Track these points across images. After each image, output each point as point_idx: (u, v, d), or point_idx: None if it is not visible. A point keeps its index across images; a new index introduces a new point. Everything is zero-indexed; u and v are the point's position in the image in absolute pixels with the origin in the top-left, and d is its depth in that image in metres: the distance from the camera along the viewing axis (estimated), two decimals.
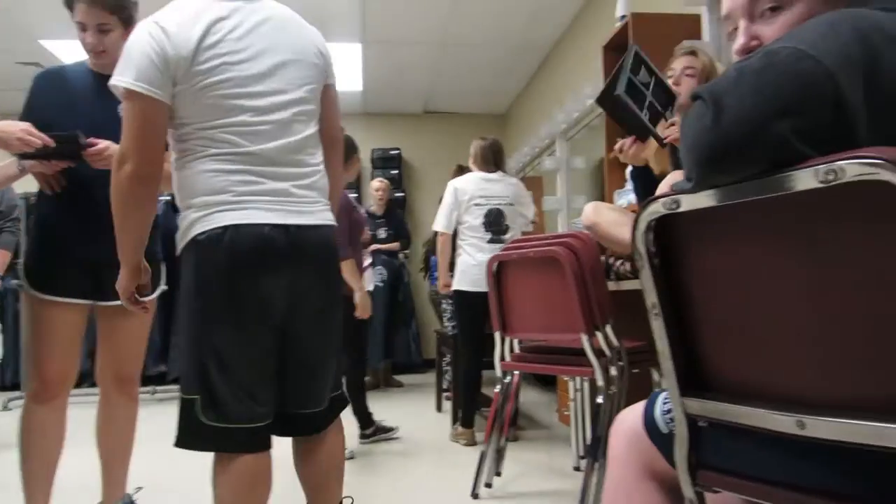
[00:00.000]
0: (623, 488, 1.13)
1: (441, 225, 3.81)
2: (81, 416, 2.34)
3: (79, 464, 2.29)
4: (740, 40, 0.99)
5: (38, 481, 2.06)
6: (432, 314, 5.70)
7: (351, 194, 4.40)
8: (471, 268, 3.65)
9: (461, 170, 4.13)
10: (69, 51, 5.12)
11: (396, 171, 7.23)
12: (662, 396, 1.09)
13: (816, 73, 0.75)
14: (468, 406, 3.76)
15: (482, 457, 2.78)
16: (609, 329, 2.35)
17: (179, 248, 1.54)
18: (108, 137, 1.91)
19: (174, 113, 1.50)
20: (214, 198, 1.48)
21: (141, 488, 2.37)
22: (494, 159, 3.84)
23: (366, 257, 3.82)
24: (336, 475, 1.74)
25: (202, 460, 1.51)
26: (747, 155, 0.78)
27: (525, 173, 6.50)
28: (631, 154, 1.87)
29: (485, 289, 2.74)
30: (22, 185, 2.37)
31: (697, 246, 0.94)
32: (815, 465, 0.85)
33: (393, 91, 6.84)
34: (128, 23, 2.01)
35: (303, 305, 1.57)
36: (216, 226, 1.47)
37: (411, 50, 5.78)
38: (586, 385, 3.18)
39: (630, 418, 1.14)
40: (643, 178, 1.96)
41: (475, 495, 2.74)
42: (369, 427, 3.77)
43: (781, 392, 0.87)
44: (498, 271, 2.62)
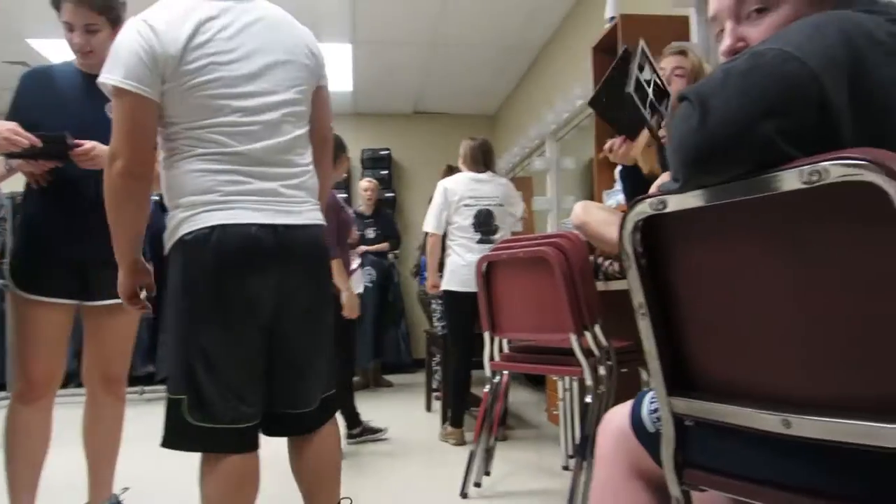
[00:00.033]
0: (610, 487, 1.14)
1: (431, 226, 3.80)
2: (68, 416, 2.32)
3: (65, 464, 2.27)
4: (727, 42, 1.00)
5: (23, 482, 2.05)
6: (422, 314, 5.70)
7: (340, 194, 4.39)
8: (460, 268, 3.65)
9: (451, 170, 4.13)
10: (57, 50, 5.08)
11: (386, 172, 7.22)
12: (649, 396, 1.10)
13: (802, 75, 0.76)
14: (457, 406, 3.76)
15: (471, 456, 2.79)
16: (598, 329, 2.36)
17: (167, 248, 1.54)
18: (96, 137, 1.89)
19: (162, 112, 1.50)
20: (202, 197, 1.48)
21: (128, 488, 2.36)
22: (484, 160, 3.84)
23: (354, 259, 3.81)
24: (332, 475, 1.73)
25: (189, 460, 1.51)
26: (733, 156, 0.79)
27: (515, 174, 6.50)
28: (620, 154, 1.87)
29: (474, 289, 2.74)
30: (8, 185, 2.35)
31: (684, 246, 0.95)
32: (801, 464, 0.86)
33: (383, 91, 6.84)
34: (115, 23, 1.99)
35: (290, 305, 1.57)
36: (203, 226, 1.46)
37: (401, 50, 5.78)
38: (575, 385, 3.18)
39: (617, 418, 1.15)
40: (632, 178, 1.96)
41: (464, 495, 2.74)
42: (356, 427, 3.76)
43: (767, 391, 0.87)
44: (487, 271, 2.62)
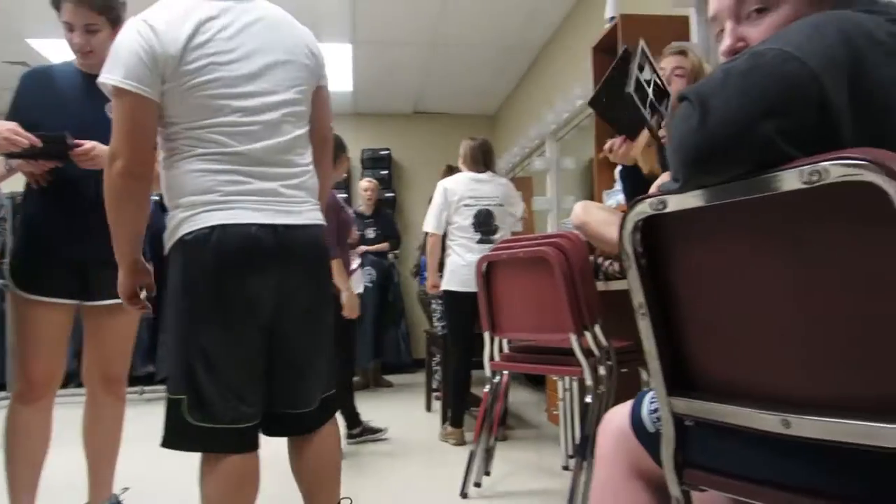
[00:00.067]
0: (610, 487, 1.14)
1: (431, 226, 3.80)
2: (68, 417, 2.32)
3: (65, 464, 2.27)
4: (727, 42, 1.00)
5: (23, 482, 2.05)
6: (422, 314, 5.70)
7: (340, 194, 4.39)
8: (460, 268, 3.65)
9: (451, 170, 4.13)
10: (57, 50, 5.08)
11: (386, 172, 7.22)
12: (649, 396, 1.10)
13: (801, 75, 0.76)
14: (457, 406, 3.76)
15: (471, 456, 2.79)
16: (598, 329, 2.36)
17: (167, 248, 1.54)
18: (96, 137, 1.89)
19: (162, 112, 1.50)
20: (202, 197, 1.48)
21: (128, 488, 2.36)
22: (484, 160, 3.84)
23: (354, 259, 3.81)
24: (332, 475, 1.73)
25: (189, 460, 1.51)
26: (733, 156, 0.79)
27: (515, 174, 6.50)
28: (620, 154, 1.87)
29: (474, 289, 2.74)
30: (8, 185, 2.35)
31: (684, 246, 0.95)
32: (801, 464, 0.86)
33: (383, 91, 6.83)
34: (115, 23, 1.99)
35: (290, 305, 1.57)
36: (203, 226, 1.46)
37: (401, 50, 5.78)
38: (575, 385, 3.18)
39: (617, 418, 1.14)
40: (632, 178, 1.96)
41: (464, 495, 2.74)
42: (356, 427, 3.76)
43: (767, 391, 0.87)
44: (487, 271, 2.62)
